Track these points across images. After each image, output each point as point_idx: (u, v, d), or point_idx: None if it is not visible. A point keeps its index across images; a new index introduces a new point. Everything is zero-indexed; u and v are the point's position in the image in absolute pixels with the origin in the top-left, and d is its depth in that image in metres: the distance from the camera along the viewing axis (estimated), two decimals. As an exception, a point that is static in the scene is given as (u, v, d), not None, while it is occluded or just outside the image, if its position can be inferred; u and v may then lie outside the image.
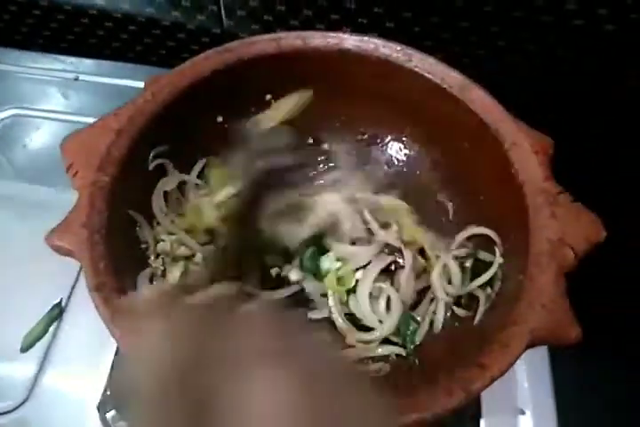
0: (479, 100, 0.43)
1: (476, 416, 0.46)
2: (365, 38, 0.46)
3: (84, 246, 0.34)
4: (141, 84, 0.61)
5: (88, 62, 0.66)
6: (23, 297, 0.48)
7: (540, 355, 0.49)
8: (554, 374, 0.48)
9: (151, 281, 0.40)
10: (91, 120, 0.57)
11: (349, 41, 0.46)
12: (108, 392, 0.43)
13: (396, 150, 0.52)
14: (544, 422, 0.46)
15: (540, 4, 0.53)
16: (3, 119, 0.61)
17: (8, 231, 0.53)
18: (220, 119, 0.49)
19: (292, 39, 0.46)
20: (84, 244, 0.34)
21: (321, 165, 0.52)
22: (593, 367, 0.51)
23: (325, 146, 0.53)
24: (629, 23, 0.52)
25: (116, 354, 0.45)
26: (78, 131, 0.40)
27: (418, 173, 0.51)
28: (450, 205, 0.49)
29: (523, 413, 0.47)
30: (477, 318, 0.40)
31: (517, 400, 0.47)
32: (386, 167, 0.52)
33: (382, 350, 0.42)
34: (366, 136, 0.53)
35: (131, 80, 0.64)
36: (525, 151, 0.40)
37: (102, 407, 0.43)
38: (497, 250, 0.42)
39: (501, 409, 0.47)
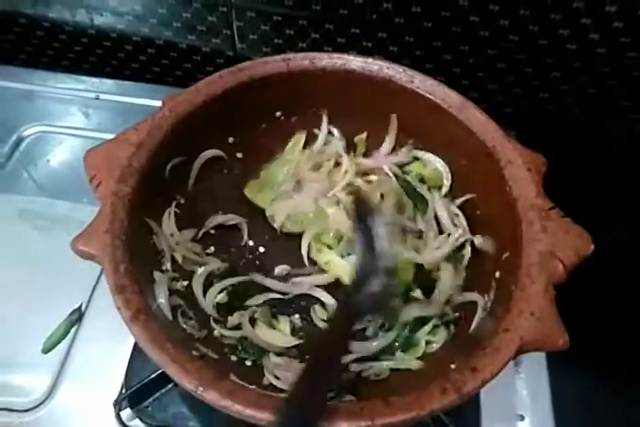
0: (477, 119, 0.46)
1: (477, 422, 0.47)
2: (370, 60, 0.49)
3: (106, 251, 0.36)
4: (158, 103, 0.65)
5: (108, 82, 0.69)
6: (45, 303, 0.51)
7: (539, 363, 0.50)
8: (552, 381, 0.49)
9: (169, 289, 0.42)
10: (110, 136, 0.62)
11: (355, 62, 0.49)
12: (124, 391, 0.46)
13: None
14: (543, 426, 0.47)
15: (536, 29, 0.56)
16: (29, 135, 0.65)
17: (30, 243, 0.56)
18: (230, 139, 0.51)
19: (300, 60, 0.49)
20: (106, 249, 0.37)
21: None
22: (590, 374, 0.53)
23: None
24: (620, 47, 0.55)
25: (132, 355, 0.48)
26: (101, 144, 0.43)
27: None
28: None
29: (522, 418, 0.48)
30: (473, 326, 0.42)
31: (517, 406, 0.48)
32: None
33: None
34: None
35: (148, 99, 0.67)
36: (519, 169, 0.43)
37: (118, 405, 0.45)
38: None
39: (501, 415, 0.48)
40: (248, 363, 0.43)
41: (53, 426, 0.46)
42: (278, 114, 0.52)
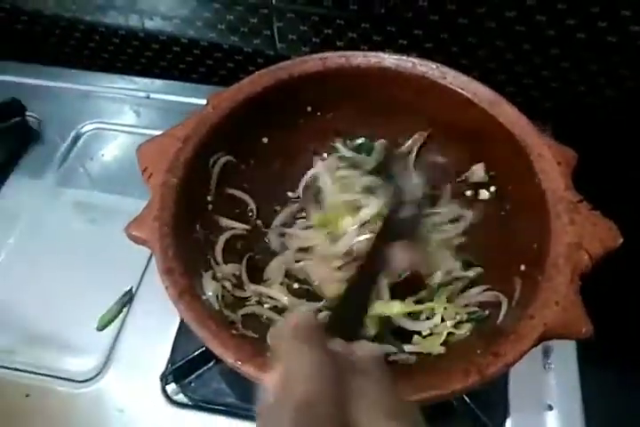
0: (508, 114, 0.47)
1: (505, 411, 0.48)
2: (404, 57, 0.50)
3: (155, 237, 0.40)
4: (204, 102, 0.69)
5: (158, 83, 0.74)
6: (99, 286, 0.56)
7: (569, 354, 0.51)
8: (581, 372, 0.49)
9: (214, 278, 0.44)
10: (159, 133, 0.65)
11: (389, 60, 0.50)
12: (170, 366, 0.49)
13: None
14: (571, 417, 0.48)
15: (572, 22, 0.56)
16: (86, 132, 0.70)
17: (84, 233, 0.61)
18: (264, 140, 0.54)
19: (336, 58, 0.51)
20: (155, 234, 0.40)
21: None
22: (619, 366, 0.53)
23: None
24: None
25: (177, 334, 0.52)
26: (151, 139, 0.46)
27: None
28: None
29: (551, 408, 0.49)
30: (500, 319, 0.42)
31: (545, 397, 0.49)
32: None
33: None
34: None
35: (195, 98, 0.71)
36: (549, 162, 0.43)
37: (164, 380, 0.49)
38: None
39: (530, 405, 0.49)
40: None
41: (107, 397, 0.50)
42: (315, 111, 0.54)
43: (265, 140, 0.54)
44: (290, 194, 0.56)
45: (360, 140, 0.56)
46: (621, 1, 0.52)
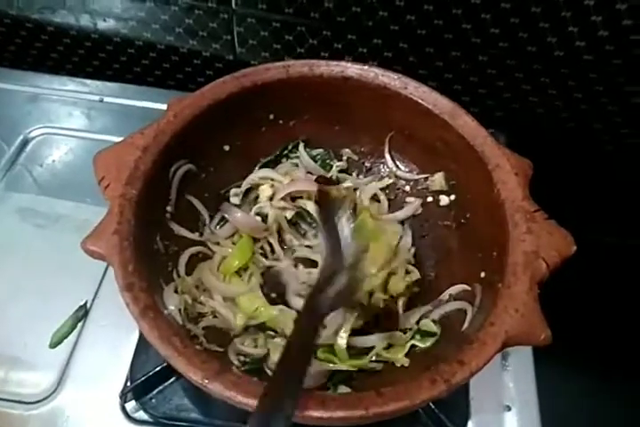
0: (467, 125, 0.48)
1: (466, 413, 0.50)
2: (366, 67, 0.51)
3: (114, 251, 0.38)
4: (160, 106, 0.68)
5: (111, 86, 0.71)
6: (51, 300, 0.53)
7: (525, 357, 0.53)
8: (537, 374, 0.52)
9: (176, 291, 0.44)
10: (113, 138, 0.64)
11: (352, 69, 0.51)
12: (129, 384, 0.48)
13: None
14: (528, 417, 0.50)
15: (525, 36, 0.58)
16: (34, 137, 0.66)
17: (32, 241, 0.58)
18: (226, 148, 0.53)
19: (299, 66, 0.51)
20: (114, 249, 0.38)
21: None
22: (573, 368, 0.55)
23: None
24: (605, 54, 0.57)
25: (136, 350, 0.50)
26: (108, 147, 0.45)
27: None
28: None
29: (509, 409, 0.50)
30: (466, 324, 0.43)
31: (504, 398, 0.51)
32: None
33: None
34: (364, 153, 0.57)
35: (150, 102, 0.69)
36: (507, 172, 0.45)
37: (123, 397, 0.47)
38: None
39: (489, 406, 0.51)
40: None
41: (61, 418, 0.48)
42: (278, 119, 0.54)
43: (226, 147, 0.53)
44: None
45: (318, 151, 0.56)
46: (570, 19, 0.55)
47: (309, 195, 0.52)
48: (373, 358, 0.44)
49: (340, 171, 0.56)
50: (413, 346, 0.45)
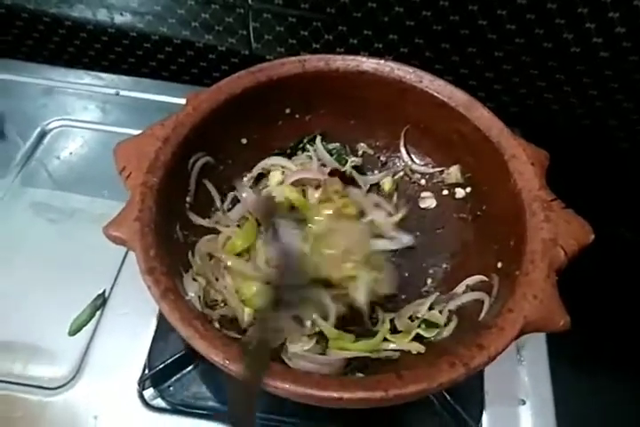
0: (482, 117, 0.48)
1: (481, 405, 0.50)
2: (382, 62, 0.51)
3: (136, 237, 0.39)
4: (175, 100, 0.68)
5: (127, 79, 0.71)
6: (70, 289, 0.54)
7: (539, 350, 0.53)
8: (552, 368, 0.51)
9: (194, 279, 0.44)
10: (128, 131, 0.64)
11: (367, 63, 0.51)
12: (147, 371, 0.48)
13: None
14: (543, 410, 0.50)
15: (541, 33, 0.58)
16: (52, 129, 0.67)
17: (48, 235, 0.58)
18: (243, 141, 0.54)
19: (315, 61, 0.51)
20: (136, 234, 0.39)
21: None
22: (588, 362, 0.55)
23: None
24: (622, 51, 0.57)
25: (154, 338, 0.50)
26: (129, 138, 0.45)
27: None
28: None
29: (524, 403, 0.50)
30: (483, 314, 0.43)
31: (519, 392, 0.51)
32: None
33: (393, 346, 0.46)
34: (379, 147, 0.58)
35: (165, 96, 0.70)
36: (523, 163, 0.45)
37: (141, 385, 0.47)
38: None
39: (504, 399, 0.51)
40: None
41: (80, 404, 0.48)
42: (294, 113, 0.55)
43: (244, 141, 0.54)
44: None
45: (334, 145, 0.57)
46: (587, 16, 0.55)
47: (318, 184, 0.52)
48: (384, 347, 0.45)
49: (354, 167, 0.56)
50: (418, 335, 0.45)
